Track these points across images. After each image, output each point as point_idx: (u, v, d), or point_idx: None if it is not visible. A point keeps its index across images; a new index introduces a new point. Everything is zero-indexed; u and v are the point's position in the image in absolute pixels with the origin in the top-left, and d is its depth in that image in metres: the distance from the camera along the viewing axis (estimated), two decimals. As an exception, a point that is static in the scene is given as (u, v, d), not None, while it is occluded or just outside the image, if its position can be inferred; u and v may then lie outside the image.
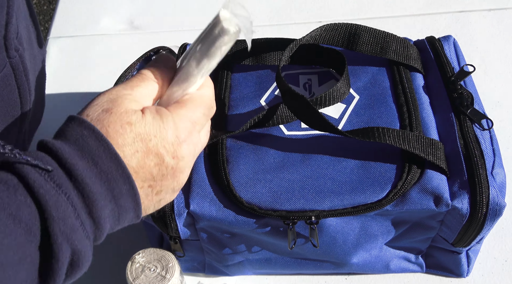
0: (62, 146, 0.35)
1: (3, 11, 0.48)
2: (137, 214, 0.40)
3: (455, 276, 0.66)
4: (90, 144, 0.36)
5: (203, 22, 1.05)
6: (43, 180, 0.33)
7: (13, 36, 0.51)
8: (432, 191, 0.54)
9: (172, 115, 0.41)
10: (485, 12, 0.94)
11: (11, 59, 0.51)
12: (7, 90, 0.52)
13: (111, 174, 0.36)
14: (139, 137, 0.39)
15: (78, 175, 0.35)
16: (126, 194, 0.37)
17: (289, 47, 0.61)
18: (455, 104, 0.60)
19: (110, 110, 0.39)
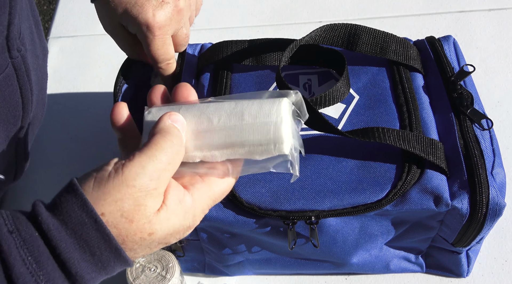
0: (66, 245, 0.34)
1: (5, 12, 0.48)
2: None
3: (455, 276, 0.66)
4: (103, 254, 0.35)
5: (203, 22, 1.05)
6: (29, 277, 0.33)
7: (15, 36, 0.51)
8: (432, 191, 0.54)
9: (195, 205, 0.40)
10: (485, 12, 0.94)
11: (13, 60, 0.51)
12: (9, 90, 0.52)
13: (110, 264, 0.36)
14: (156, 241, 0.38)
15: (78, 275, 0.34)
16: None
17: (289, 48, 0.61)
18: (455, 104, 0.59)
19: (131, 220, 0.36)
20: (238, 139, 0.39)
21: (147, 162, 0.37)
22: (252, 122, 0.38)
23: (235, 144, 0.39)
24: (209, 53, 0.67)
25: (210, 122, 0.40)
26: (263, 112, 0.38)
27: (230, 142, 0.39)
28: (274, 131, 0.38)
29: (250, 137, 0.38)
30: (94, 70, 0.94)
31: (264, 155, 0.38)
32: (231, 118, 0.39)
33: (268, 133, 0.38)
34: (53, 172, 0.81)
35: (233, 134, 0.39)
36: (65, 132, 0.86)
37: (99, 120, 0.87)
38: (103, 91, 0.91)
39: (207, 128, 0.40)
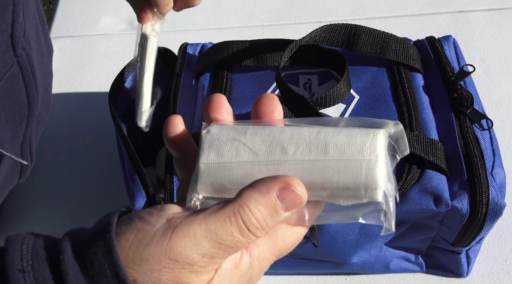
0: None
1: (9, 9, 0.48)
2: None
3: (455, 276, 0.66)
4: None
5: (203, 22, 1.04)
6: None
7: (20, 34, 0.50)
8: (432, 191, 0.54)
9: (253, 266, 0.33)
10: (485, 12, 0.94)
11: (18, 58, 0.51)
12: (15, 89, 0.52)
13: None
14: None
15: None
16: None
17: (289, 48, 0.61)
18: (455, 104, 0.59)
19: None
20: (319, 178, 0.31)
21: (204, 236, 0.29)
22: (339, 159, 0.31)
23: (314, 184, 0.31)
24: (209, 53, 0.67)
25: (284, 152, 0.32)
26: (353, 147, 0.31)
27: (309, 181, 0.31)
28: (367, 173, 0.30)
29: (334, 178, 0.31)
30: (94, 70, 0.94)
31: (350, 200, 0.31)
32: (312, 150, 0.32)
33: (359, 175, 0.30)
34: (53, 171, 0.81)
35: (313, 171, 0.31)
36: (65, 132, 0.86)
37: (99, 120, 0.87)
38: (103, 91, 0.91)
39: (280, 160, 0.32)
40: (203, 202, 0.33)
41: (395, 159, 0.33)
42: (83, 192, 0.80)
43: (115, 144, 0.73)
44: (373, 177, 0.30)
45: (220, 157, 0.33)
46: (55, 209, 0.78)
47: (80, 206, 0.78)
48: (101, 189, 0.79)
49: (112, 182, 0.79)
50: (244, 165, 0.33)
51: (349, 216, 0.32)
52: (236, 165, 0.33)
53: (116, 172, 0.77)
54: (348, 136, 0.32)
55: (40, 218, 0.78)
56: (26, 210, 0.78)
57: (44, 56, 0.62)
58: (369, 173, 0.30)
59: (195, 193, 0.33)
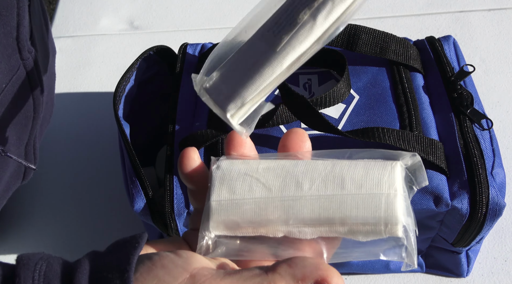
0: None
1: (13, 12, 0.47)
2: None
3: (455, 276, 0.66)
4: None
5: (203, 22, 1.04)
6: None
7: (26, 37, 0.50)
8: (432, 191, 0.54)
9: None
10: (485, 12, 0.94)
11: (24, 61, 0.51)
12: (21, 92, 0.52)
13: None
14: None
15: None
16: None
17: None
18: (455, 104, 0.59)
19: None
20: (337, 214, 0.30)
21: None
22: (356, 193, 0.30)
23: (332, 220, 0.30)
24: (210, 53, 0.67)
25: (300, 187, 0.31)
26: (370, 180, 0.30)
27: (326, 217, 0.30)
28: (386, 208, 0.29)
29: (353, 213, 0.30)
30: (94, 70, 0.94)
31: (369, 236, 0.30)
32: (328, 184, 0.31)
33: (378, 210, 0.29)
34: (53, 171, 0.81)
35: (331, 207, 0.30)
36: (64, 132, 0.86)
37: (100, 120, 0.87)
38: (103, 91, 0.91)
39: (295, 196, 0.31)
40: (216, 240, 0.32)
41: (412, 190, 0.32)
42: (84, 192, 0.80)
43: (115, 143, 0.73)
44: (393, 212, 0.29)
45: (232, 193, 0.32)
46: (56, 208, 0.78)
47: (81, 206, 0.78)
48: (102, 189, 0.79)
49: (113, 181, 0.79)
50: (257, 201, 0.31)
51: (369, 253, 0.31)
52: (250, 202, 0.31)
53: (117, 172, 0.77)
54: (365, 169, 0.31)
55: (41, 218, 0.78)
56: (26, 210, 0.78)
57: (48, 57, 0.62)
58: (389, 208, 0.29)
59: (207, 231, 0.32)
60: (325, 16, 0.31)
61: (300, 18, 0.32)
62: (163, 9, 1.02)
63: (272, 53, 0.32)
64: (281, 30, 0.32)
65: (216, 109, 0.33)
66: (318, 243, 0.32)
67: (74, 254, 0.76)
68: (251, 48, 0.33)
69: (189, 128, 0.61)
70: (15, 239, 0.76)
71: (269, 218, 0.31)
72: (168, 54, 0.70)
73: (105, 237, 0.75)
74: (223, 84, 0.33)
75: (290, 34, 0.32)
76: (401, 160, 0.32)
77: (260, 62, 0.32)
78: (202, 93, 0.34)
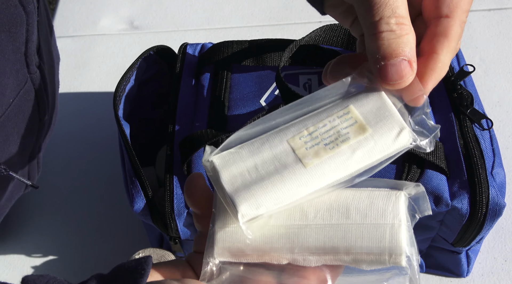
0: None
1: (22, 29, 0.48)
2: None
3: (455, 276, 0.66)
4: None
5: (203, 22, 1.04)
6: None
7: (33, 52, 0.50)
8: (432, 190, 0.54)
9: None
10: (485, 12, 0.94)
11: (31, 75, 0.51)
12: (28, 105, 0.52)
13: None
14: None
15: None
16: None
17: (289, 48, 0.61)
18: (455, 104, 0.59)
19: None
20: (342, 243, 0.30)
21: None
22: (361, 223, 0.31)
23: (337, 249, 0.31)
24: (210, 53, 0.67)
25: (304, 216, 0.31)
26: (375, 210, 0.31)
27: (331, 246, 0.31)
28: (391, 238, 0.30)
29: (357, 243, 0.30)
30: (94, 70, 0.94)
31: (373, 265, 0.31)
32: (333, 213, 0.31)
33: (383, 240, 0.30)
34: (53, 171, 0.81)
35: (336, 236, 0.31)
36: (64, 132, 0.86)
37: (100, 120, 0.87)
38: (103, 91, 0.91)
39: (300, 225, 0.31)
40: (220, 266, 0.32)
41: (414, 218, 0.32)
42: (84, 192, 0.80)
43: (115, 143, 0.73)
44: (398, 242, 0.30)
45: None
46: (55, 208, 0.78)
47: (81, 205, 0.78)
48: (102, 189, 0.79)
49: (113, 182, 0.79)
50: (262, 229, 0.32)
51: (373, 281, 0.32)
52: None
53: (117, 172, 0.77)
54: (370, 199, 0.31)
55: (40, 218, 0.78)
56: (26, 210, 0.78)
57: (54, 66, 0.62)
58: (393, 238, 0.30)
59: (212, 257, 0.32)
60: (365, 154, 0.31)
61: (339, 142, 0.31)
62: (163, 9, 1.02)
63: (301, 169, 0.31)
64: (315, 146, 0.31)
65: (222, 195, 0.32)
66: (322, 270, 0.32)
67: (73, 254, 0.76)
68: (275, 146, 0.32)
69: (189, 128, 0.61)
70: (15, 238, 0.76)
71: (274, 246, 0.31)
72: (168, 54, 0.70)
73: (105, 237, 0.75)
74: (237, 170, 0.32)
75: (324, 157, 0.31)
76: (404, 189, 0.32)
77: (286, 173, 0.31)
78: (209, 166, 0.33)
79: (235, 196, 0.31)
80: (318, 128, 0.32)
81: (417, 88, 0.31)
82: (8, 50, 0.46)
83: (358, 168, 0.31)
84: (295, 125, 0.32)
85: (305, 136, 0.32)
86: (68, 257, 0.73)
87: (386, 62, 0.31)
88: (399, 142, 0.31)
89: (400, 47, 0.31)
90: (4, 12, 0.44)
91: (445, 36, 0.32)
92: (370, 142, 0.31)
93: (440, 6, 0.32)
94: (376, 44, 0.31)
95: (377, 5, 0.31)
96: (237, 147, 0.32)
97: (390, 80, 0.31)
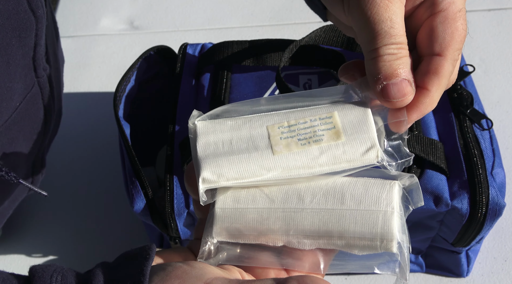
0: None
1: (32, 34, 0.48)
2: None
3: (455, 276, 0.66)
4: None
5: (203, 22, 1.04)
6: None
7: (41, 56, 0.51)
8: (432, 191, 0.54)
9: None
10: (485, 12, 0.94)
11: (39, 79, 0.52)
12: (34, 109, 0.53)
13: None
14: None
15: None
16: None
17: (289, 48, 0.61)
18: (455, 104, 0.60)
19: None
20: (336, 228, 0.31)
21: None
22: (355, 209, 0.31)
23: (331, 233, 0.32)
24: (210, 54, 0.67)
25: (301, 200, 0.32)
26: (369, 197, 0.32)
27: (325, 230, 0.32)
28: (383, 224, 0.31)
29: (351, 228, 0.31)
30: (94, 70, 0.94)
31: (365, 250, 0.32)
32: (328, 199, 0.32)
33: (375, 226, 0.31)
34: (53, 171, 0.81)
35: (330, 220, 0.32)
36: (64, 132, 0.86)
37: (100, 120, 0.87)
38: (103, 91, 0.91)
39: (297, 208, 0.32)
40: (218, 246, 0.33)
41: (408, 209, 0.33)
42: (84, 192, 0.80)
43: (115, 143, 0.73)
44: (389, 228, 0.31)
45: (237, 202, 0.33)
46: (55, 208, 0.78)
47: (81, 205, 0.78)
48: (102, 189, 0.79)
49: (113, 182, 0.79)
50: (260, 211, 0.33)
51: (364, 266, 0.33)
52: (253, 211, 0.33)
53: (117, 172, 0.77)
54: (365, 187, 0.32)
55: (40, 218, 0.78)
56: (26, 209, 0.78)
57: (59, 69, 0.62)
58: (385, 224, 0.31)
59: (210, 237, 0.33)
60: (332, 159, 0.32)
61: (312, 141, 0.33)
62: (163, 9, 1.02)
63: (268, 154, 0.33)
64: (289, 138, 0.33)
65: (194, 157, 0.34)
66: (315, 254, 0.33)
67: (73, 254, 0.76)
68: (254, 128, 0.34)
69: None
70: (15, 238, 0.76)
71: (270, 227, 0.32)
72: (169, 54, 0.70)
73: (105, 237, 0.75)
74: (214, 139, 0.34)
75: (293, 150, 0.33)
76: (399, 179, 0.33)
77: (254, 154, 0.33)
78: (192, 129, 0.35)
79: (202, 161, 0.32)
80: (298, 124, 0.33)
81: (402, 114, 0.33)
82: (18, 55, 0.46)
83: (321, 170, 0.32)
84: (279, 114, 0.34)
85: (284, 127, 0.33)
86: (68, 257, 0.73)
87: (388, 82, 0.33)
88: (367, 157, 0.32)
89: (400, 67, 0.33)
90: (15, 17, 0.45)
91: (437, 74, 0.33)
92: (339, 149, 0.32)
93: (433, 44, 0.33)
94: (377, 65, 0.33)
95: (380, 36, 0.33)
96: (222, 119, 0.34)
97: (392, 98, 0.32)
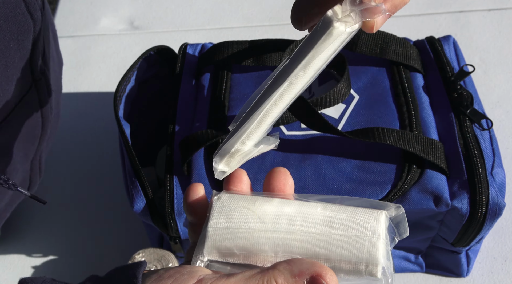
0: None
1: (30, 36, 0.48)
2: None
3: (455, 276, 0.66)
4: None
5: (203, 22, 1.04)
6: None
7: (39, 58, 0.51)
8: (432, 191, 0.54)
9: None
10: (485, 12, 0.94)
11: (36, 81, 0.52)
12: (31, 111, 0.52)
13: None
14: None
15: None
16: None
17: (289, 48, 0.61)
18: (455, 104, 0.60)
19: None
20: (323, 251, 0.33)
21: None
22: (343, 234, 0.33)
23: (318, 256, 0.33)
24: (210, 54, 0.67)
25: (291, 224, 0.34)
26: (357, 224, 0.33)
27: (313, 252, 0.33)
28: (369, 250, 0.32)
29: (337, 251, 0.33)
30: (94, 70, 0.94)
31: (350, 274, 0.33)
32: (318, 223, 0.34)
33: (361, 251, 0.32)
34: (53, 171, 0.81)
35: (318, 244, 0.33)
36: (64, 132, 0.86)
37: (100, 120, 0.87)
38: (103, 91, 0.91)
39: (287, 231, 0.34)
40: (208, 264, 0.34)
41: (394, 240, 0.34)
42: (84, 192, 0.80)
43: (115, 143, 0.73)
44: (375, 253, 0.32)
45: (229, 222, 0.34)
46: (55, 208, 0.78)
47: (81, 205, 0.78)
48: (102, 189, 0.79)
49: (113, 182, 0.79)
50: (251, 231, 0.34)
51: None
52: (244, 231, 0.34)
53: (117, 172, 0.77)
54: (353, 214, 0.34)
55: (40, 218, 0.78)
56: (26, 209, 0.78)
57: (56, 71, 0.62)
58: (371, 249, 0.32)
59: (201, 255, 0.34)
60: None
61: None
62: (163, 9, 1.02)
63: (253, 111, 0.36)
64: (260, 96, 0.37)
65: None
66: None
67: (73, 254, 0.76)
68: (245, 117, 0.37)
69: (189, 128, 0.61)
70: (15, 238, 0.76)
71: (260, 247, 0.34)
72: (169, 54, 0.70)
73: (105, 237, 0.75)
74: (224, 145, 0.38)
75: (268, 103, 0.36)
76: (386, 209, 0.34)
77: (242, 124, 0.36)
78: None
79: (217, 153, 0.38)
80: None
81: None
82: (16, 58, 0.46)
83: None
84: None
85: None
86: (68, 257, 0.74)
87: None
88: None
89: None
90: (13, 20, 0.45)
91: None
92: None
93: None
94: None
95: None
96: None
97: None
